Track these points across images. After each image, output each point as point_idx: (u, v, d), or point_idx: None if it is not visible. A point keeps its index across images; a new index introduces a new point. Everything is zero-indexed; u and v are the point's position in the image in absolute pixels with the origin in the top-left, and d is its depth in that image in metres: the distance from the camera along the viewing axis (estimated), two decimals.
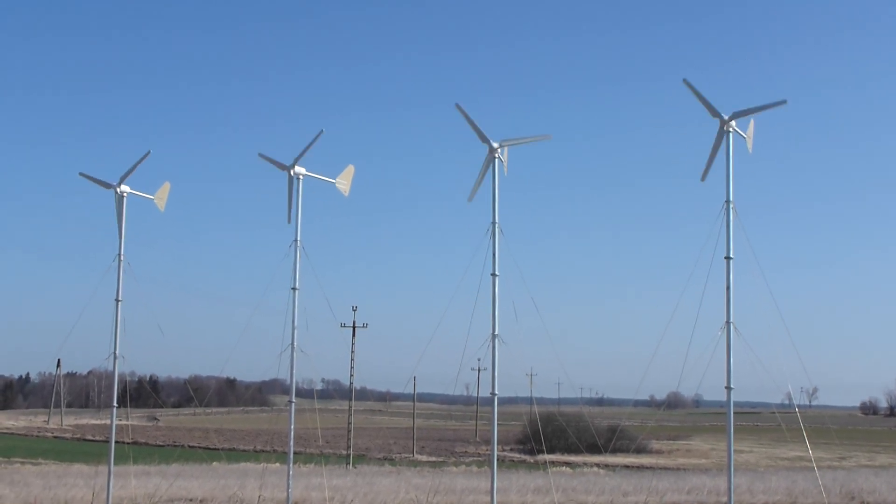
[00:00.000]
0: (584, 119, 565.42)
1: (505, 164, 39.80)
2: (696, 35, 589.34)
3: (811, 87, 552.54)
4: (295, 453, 44.63)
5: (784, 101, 36.73)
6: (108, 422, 46.26)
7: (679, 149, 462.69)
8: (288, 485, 42.12)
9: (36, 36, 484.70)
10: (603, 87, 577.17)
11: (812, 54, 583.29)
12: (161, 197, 45.44)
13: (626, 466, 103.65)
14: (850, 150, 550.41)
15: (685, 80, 37.18)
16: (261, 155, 43.22)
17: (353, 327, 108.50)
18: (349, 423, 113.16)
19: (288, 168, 42.89)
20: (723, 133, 37.37)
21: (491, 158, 39.38)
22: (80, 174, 45.73)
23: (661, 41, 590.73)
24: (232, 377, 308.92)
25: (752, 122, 38.34)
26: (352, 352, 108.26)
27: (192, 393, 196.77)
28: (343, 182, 43.91)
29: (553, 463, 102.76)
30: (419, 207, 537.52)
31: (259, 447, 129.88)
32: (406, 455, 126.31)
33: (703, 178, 37.91)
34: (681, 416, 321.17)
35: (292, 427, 43.24)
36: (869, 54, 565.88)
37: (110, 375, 46.85)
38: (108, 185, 44.74)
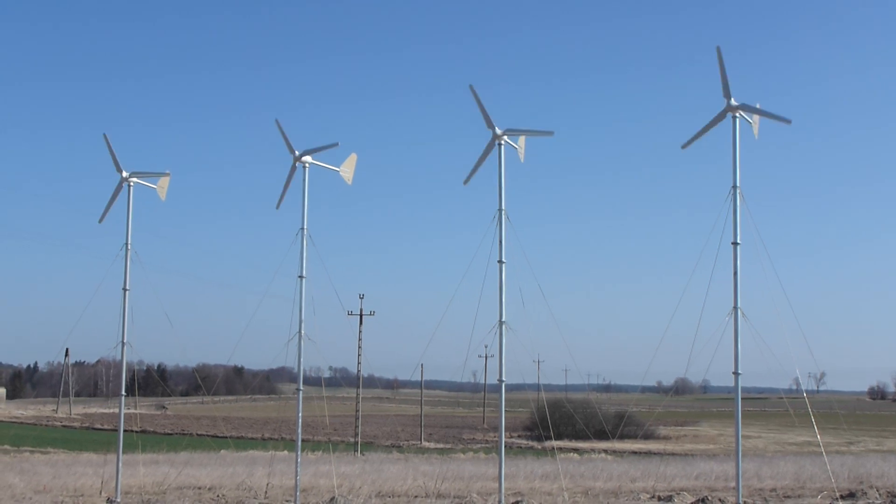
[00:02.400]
0: (590, 105, 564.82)
1: (522, 152, 39.83)
2: (699, 22, 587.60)
3: (820, 73, 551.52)
4: (303, 441, 44.64)
5: (788, 121, 37.05)
6: (117, 410, 46.37)
7: (685, 135, 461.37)
8: (296, 472, 42.17)
9: (39, 26, 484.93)
10: (609, 73, 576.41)
11: (819, 41, 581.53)
12: (162, 186, 45.46)
13: (634, 452, 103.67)
14: (857, 136, 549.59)
15: (718, 49, 36.91)
16: (277, 123, 42.78)
17: (360, 315, 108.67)
18: (357, 411, 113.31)
19: (295, 158, 42.88)
20: (724, 114, 37.32)
21: (493, 144, 39.40)
22: (104, 134, 45.56)
23: (663, 28, 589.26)
24: (240, 365, 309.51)
25: (757, 107, 38.24)
26: (359, 339, 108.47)
27: (199, 381, 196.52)
28: (346, 170, 43.86)
29: (561, 449, 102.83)
30: (426, 195, 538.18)
31: (267, 435, 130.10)
32: (414, 442, 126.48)
33: (684, 146, 38.24)
34: (688, 402, 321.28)
35: (300, 415, 43.27)
36: (878, 40, 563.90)
37: (118, 364, 46.96)
38: (121, 172, 44.65)
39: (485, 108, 38.84)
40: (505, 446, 40.15)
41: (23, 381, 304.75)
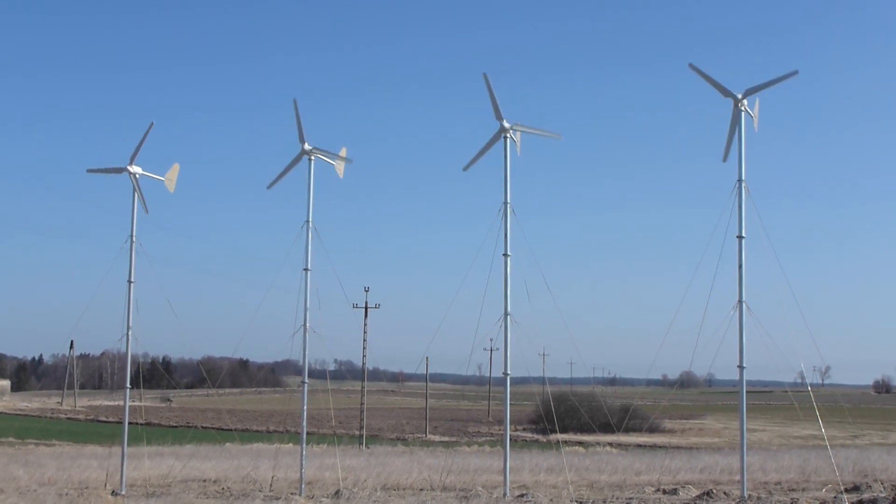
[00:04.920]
0: (596, 100, 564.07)
1: (518, 145, 39.80)
2: (704, 16, 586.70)
3: (824, 66, 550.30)
4: (308, 434, 44.71)
5: (795, 72, 36.54)
6: (122, 403, 46.42)
7: (692, 129, 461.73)
8: (301, 465, 42.23)
9: (46, 17, 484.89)
10: (615, 68, 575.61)
11: (823, 31, 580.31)
12: (171, 178, 45.50)
13: (639, 445, 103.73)
14: (863, 128, 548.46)
15: (691, 65, 37.15)
16: (295, 104, 42.77)
17: (366, 308, 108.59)
18: (362, 404, 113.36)
19: (303, 150, 42.93)
20: (738, 112, 37.27)
21: (499, 137, 39.39)
22: (88, 170, 46.13)
23: (671, 22, 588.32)
24: (245, 358, 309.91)
25: (757, 101, 38.24)
26: (364, 332, 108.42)
27: (204, 374, 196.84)
28: (339, 164, 43.97)
29: (566, 442, 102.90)
30: (431, 188, 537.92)
31: (272, 428, 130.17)
32: (419, 435, 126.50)
33: (724, 159, 37.76)
34: (693, 396, 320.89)
35: (305, 408, 43.33)
36: (882, 33, 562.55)
37: (123, 356, 47.04)
38: (119, 170, 44.81)
39: (496, 99, 38.89)
40: (510, 439, 40.15)
41: (28, 374, 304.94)
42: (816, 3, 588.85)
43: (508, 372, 38.82)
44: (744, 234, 36.29)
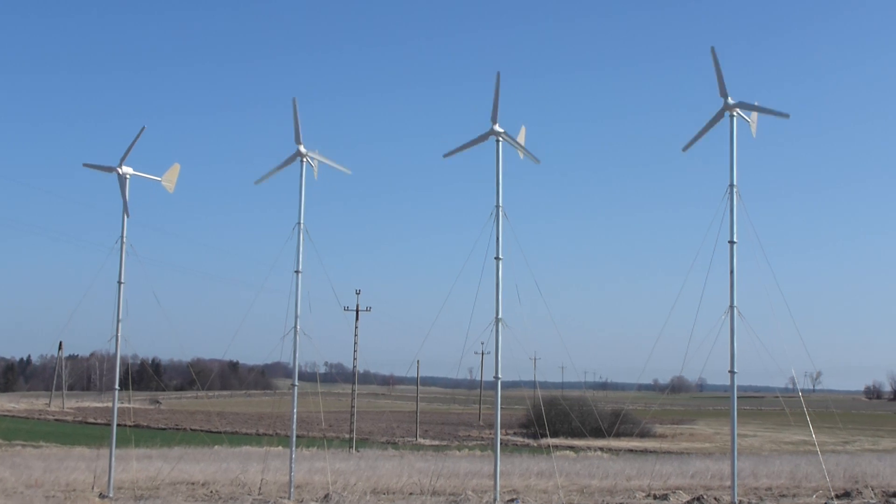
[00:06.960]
0: (586, 102, 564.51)
1: (521, 151, 39.76)
2: (698, 18, 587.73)
3: (816, 69, 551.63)
4: (297, 437, 44.50)
5: (787, 115, 36.83)
6: (110, 404, 46.18)
7: (684, 132, 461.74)
8: (290, 468, 42.01)
9: (38, 17, 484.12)
10: (606, 69, 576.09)
11: (814, 36, 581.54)
12: (170, 179, 45.22)
13: (630, 450, 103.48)
14: (854, 132, 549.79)
15: (713, 49, 36.91)
16: (294, 104, 42.54)
17: (357, 311, 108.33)
18: (352, 407, 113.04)
19: (298, 153, 42.78)
20: (723, 113, 37.30)
21: (486, 137, 39.27)
22: (84, 164, 45.62)
23: (666, 23, 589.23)
24: (235, 360, 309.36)
25: (755, 104, 38.17)
26: (355, 335, 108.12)
27: (194, 376, 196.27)
28: (315, 164, 43.85)
29: (556, 447, 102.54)
30: (423, 190, 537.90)
31: (262, 431, 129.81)
32: (409, 439, 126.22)
33: (684, 149, 38.20)
34: (684, 400, 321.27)
35: (295, 410, 43.12)
36: (875, 35, 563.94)
37: (112, 358, 46.85)
38: (109, 169, 44.52)
39: (497, 100, 38.78)
40: (501, 444, 39.97)
41: (16, 374, 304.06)
42: (808, 4, 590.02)
43: (499, 376, 38.64)
44: (735, 239, 36.21)
